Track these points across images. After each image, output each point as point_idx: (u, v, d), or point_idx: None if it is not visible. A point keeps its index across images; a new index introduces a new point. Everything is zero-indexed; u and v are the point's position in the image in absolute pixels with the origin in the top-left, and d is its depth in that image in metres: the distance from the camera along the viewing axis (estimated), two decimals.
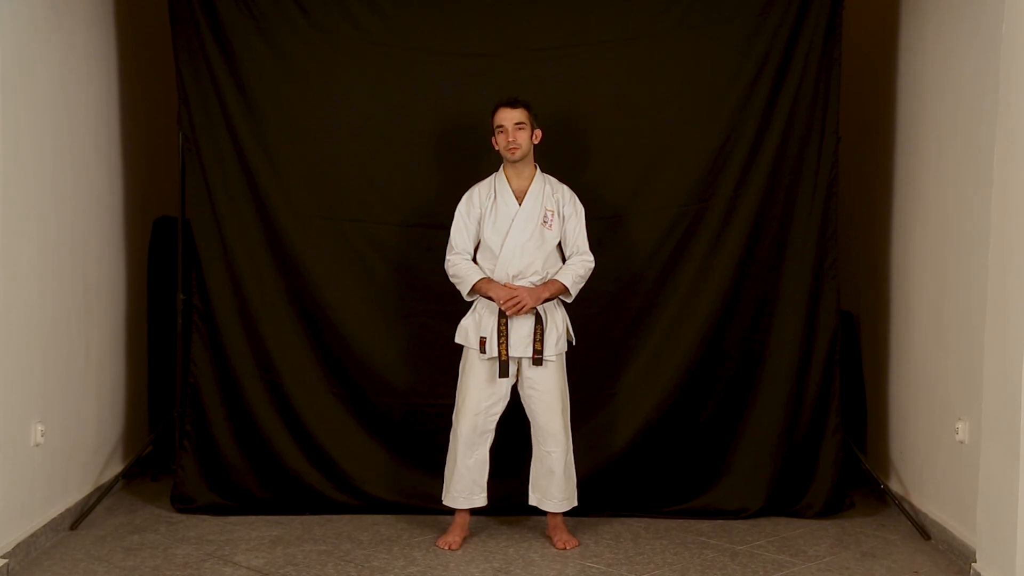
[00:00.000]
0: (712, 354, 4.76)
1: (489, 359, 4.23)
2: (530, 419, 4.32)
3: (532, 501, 4.36)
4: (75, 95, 4.53)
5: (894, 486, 4.92)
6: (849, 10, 4.74)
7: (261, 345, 4.75)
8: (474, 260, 4.33)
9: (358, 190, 4.78)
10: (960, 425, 4.21)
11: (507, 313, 4.17)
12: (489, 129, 4.29)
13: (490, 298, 4.21)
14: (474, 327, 4.26)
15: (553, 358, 4.25)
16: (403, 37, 4.76)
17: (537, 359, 4.20)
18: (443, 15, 4.77)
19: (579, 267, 4.31)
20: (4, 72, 3.85)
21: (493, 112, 4.26)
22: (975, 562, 3.87)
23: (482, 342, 4.21)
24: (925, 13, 4.66)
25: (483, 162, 4.48)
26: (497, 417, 4.28)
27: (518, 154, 4.23)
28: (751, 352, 4.78)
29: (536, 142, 4.30)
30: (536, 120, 4.29)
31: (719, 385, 4.78)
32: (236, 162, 4.74)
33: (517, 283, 4.22)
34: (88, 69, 4.68)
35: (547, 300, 4.24)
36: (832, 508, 4.72)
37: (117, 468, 5.02)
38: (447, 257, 4.33)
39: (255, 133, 4.73)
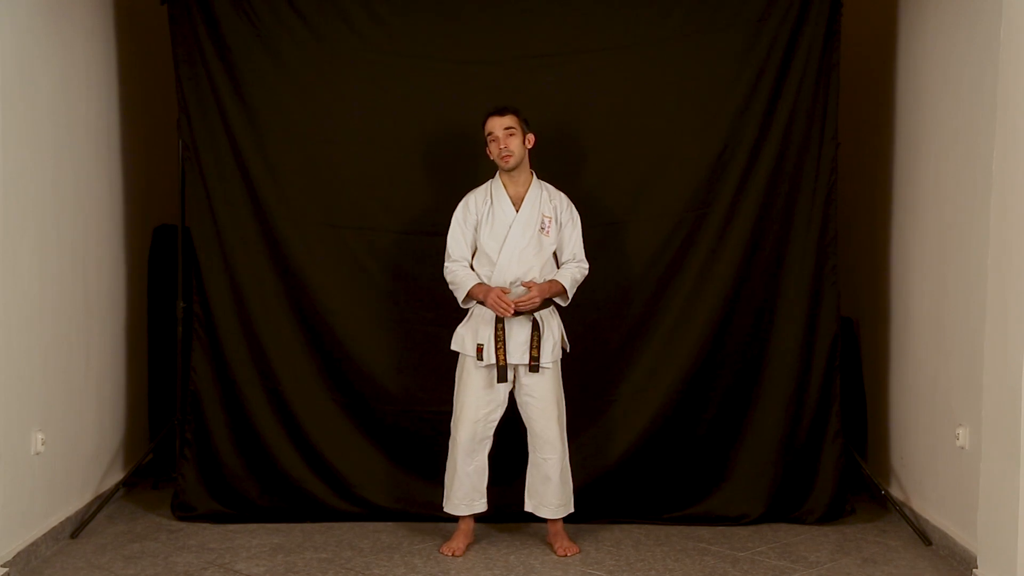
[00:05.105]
0: (712, 360, 4.75)
1: (487, 366, 4.22)
2: (527, 425, 4.31)
3: (528, 507, 4.35)
4: (75, 103, 4.54)
5: (895, 492, 4.91)
6: (847, 16, 4.74)
7: (261, 352, 4.75)
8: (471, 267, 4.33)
9: (358, 197, 4.78)
10: (960, 431, 4.20)
11: (496, 313, 4.15)
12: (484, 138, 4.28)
13: (482, 302, 4.20)
14: (471, 334, 4.25)
15: (549, 365, 4.24)
16: (402, 45, 4.76)
17: (534, 366, 4.20)
18: (442, 23, 4.78)
19: (576, 272, 4.32)
20: (4, 80, 3.85)
21: (483, 122, 4.26)
22: (976, 568, 3.86)
23: (479, 349, 4.21)
24: (923, 18, 4.66)
25: (481, 169, 4.48)
26: (495, 424, 4.28)
27: (512, 161, 4.22)
28: (751, 358, 4.77)
29: (530, 146, 4.29)
30: (527, 125, 4.28)
31: (719, 391, 4.77)
32: (236, 170, 4.74)
33: (515, 289, 4.22)
34: (88, 77, 4.69)
35: (548, 298, 4.23)
36: (833, 514, 4.72)
37: (117, 476, 5.01)
38: (445, 264, 4.33)
39: (255, 141, 4.73)
